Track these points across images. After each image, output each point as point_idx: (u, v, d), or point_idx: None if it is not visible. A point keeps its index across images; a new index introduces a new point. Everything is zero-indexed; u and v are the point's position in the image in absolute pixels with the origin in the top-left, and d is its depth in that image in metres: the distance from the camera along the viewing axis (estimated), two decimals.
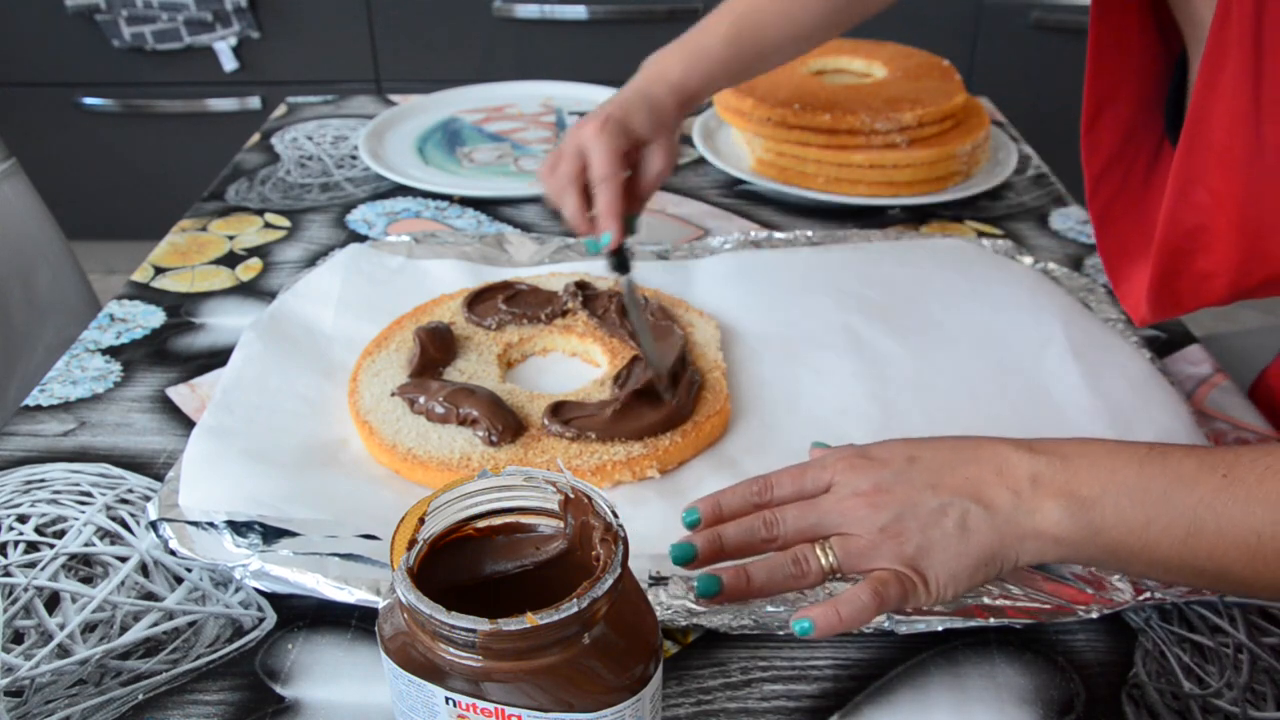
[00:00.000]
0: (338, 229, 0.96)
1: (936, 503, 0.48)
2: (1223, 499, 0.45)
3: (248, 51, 2.05)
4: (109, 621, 0.55)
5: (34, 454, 0.67)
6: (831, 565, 0.49)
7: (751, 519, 0.51)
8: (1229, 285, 0.60)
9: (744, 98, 1.02)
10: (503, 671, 0.37)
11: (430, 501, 0.41)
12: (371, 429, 0.65)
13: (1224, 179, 0.56)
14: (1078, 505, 0.47)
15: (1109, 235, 0.67)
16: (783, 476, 0.52)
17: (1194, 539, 0.46)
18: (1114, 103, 0.63)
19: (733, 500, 0.52)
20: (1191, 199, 0.58)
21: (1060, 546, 0.48)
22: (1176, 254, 0.60)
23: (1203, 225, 0.58)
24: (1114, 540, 0.47)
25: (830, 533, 0.50)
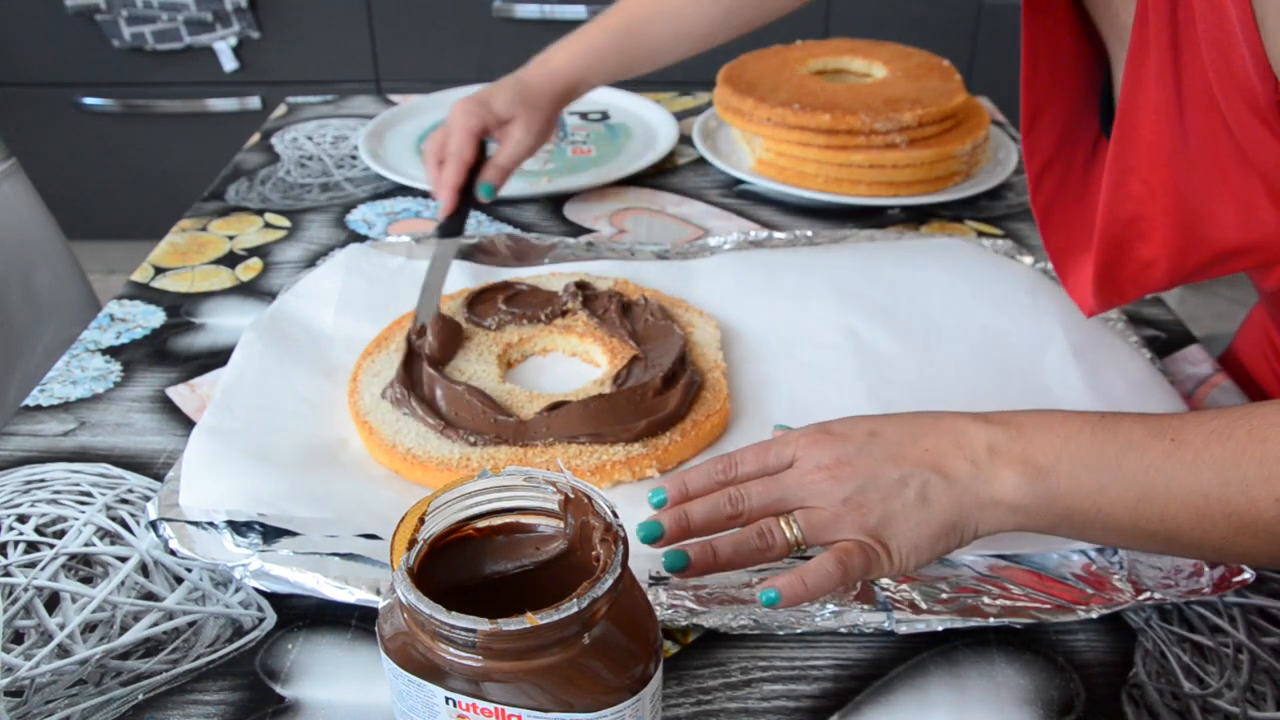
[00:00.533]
0: (338, 229, 0.96)
1: (897, 474, 0.50)
2: (1171, 463, 0.47)
3: (248, 51, 2.05)
4: (109, 621, 0.55)
5: (34, 454, 0.67)
6: (796, 538, 0.50)
7: (716, 496, 0.52)
8: (1169, 271, 0.62)
9: (744, 98, 1.02)
10: (503, 671, 0.37)
11: (430, 501, 0.41)
12: (371, 429, 0.65)
13: (1154, 169, 0.58)
14: (1034, 473, 0.49)
15: (1053, 231, 0.69)
16: (746, 454, 0.53)
17: (1145, 503, 0.48)
18: (1050, 104, 0.66)
19: (698, 479, 0.54)
20: (1126, 190, 0.60)
21: (1017, 514, 0.50)
22: (1117, 244, 0.62)
23: (1139, 214, 0.60)
24: (1069, 506, 0.49)
25: (794, 506, 0.51)
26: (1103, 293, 0.66)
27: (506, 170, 0.87)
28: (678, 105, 1.26)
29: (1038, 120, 0.66)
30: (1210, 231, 0.58)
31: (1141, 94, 0.56)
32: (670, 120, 1.16)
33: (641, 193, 1.03)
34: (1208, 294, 2.32)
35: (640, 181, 1.05)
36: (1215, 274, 0.62)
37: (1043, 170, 0.67)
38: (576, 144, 1.14)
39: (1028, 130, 0.66)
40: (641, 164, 1.06)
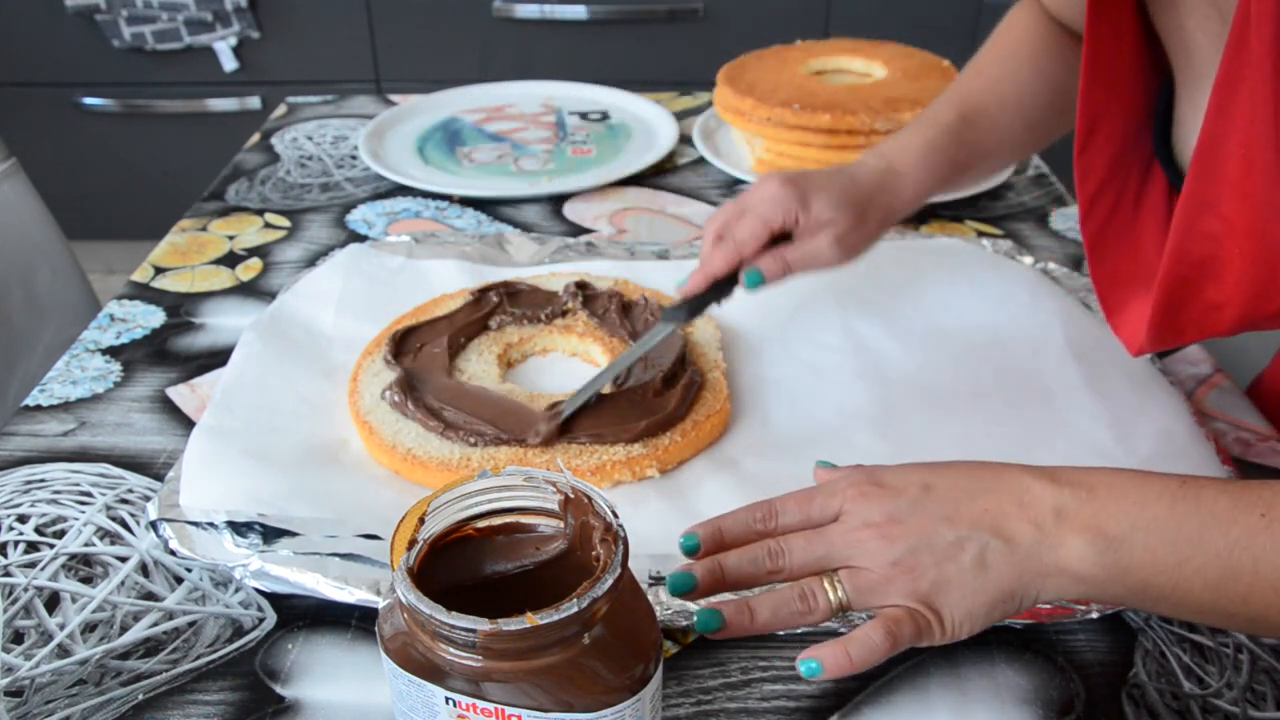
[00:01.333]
0: (338, 229, 0.96)
1: (953, 536, 0.46)
2: (1260, 540, 0.43)
3: (248, 51, 2.05)
4: (109, 621, 0.55)
5: (34, 454, 0.67)
6: (841, 601, 0.47)
7: (756, 548, 0.49)
8: (1239, 317, 0.58)
9: (744, 98, 1.02)
10: (503, 671, 0.37)
11: (430, 501, 0.41)
12: (371, 429, 0.65)
13: (1238, 208, 0.54)
14: (1105, 542, 0.45)
15: (1102, 261, 0.65)
16: (788, 502, 0.50)
17: (1229, 582, 0.44)
18: (1106, 122, 0.62)
19: (734, 526, 0.50)
20: (1202, 227, 0.56)
21: (1083, 585, 0.46)
22: (1183, 284, 0.58)
23: (1213, 254, 0.56)
24: (1142, 580, 0.45)
25: (839, 565, 0.48)
26: (1160, 333, 0.61)
27: (790, 270, 0.69)
28: (678, 105, 1.26)
29: (1092, 138, 0.62)
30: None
31: (1230, 124, 0.52)
32: (670, 120, 1.16)
33: (641, 193, 1.03)
34: None
35: (640, 181, 1.05)
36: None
37: (1096, 194, 0.63)
38: (576, 144, 1.14)
39: (1082, 149, 0.62)
40: (641, 164, 1.06)
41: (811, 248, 0.68)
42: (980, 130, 0.74)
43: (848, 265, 0.71)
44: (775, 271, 0.68)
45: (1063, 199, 1.02)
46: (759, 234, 0.68)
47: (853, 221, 0.69)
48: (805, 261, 0.69)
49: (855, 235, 0.69)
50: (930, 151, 0.72)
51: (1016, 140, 0.76)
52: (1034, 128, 0.76)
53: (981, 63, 0.77)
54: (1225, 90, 0.52)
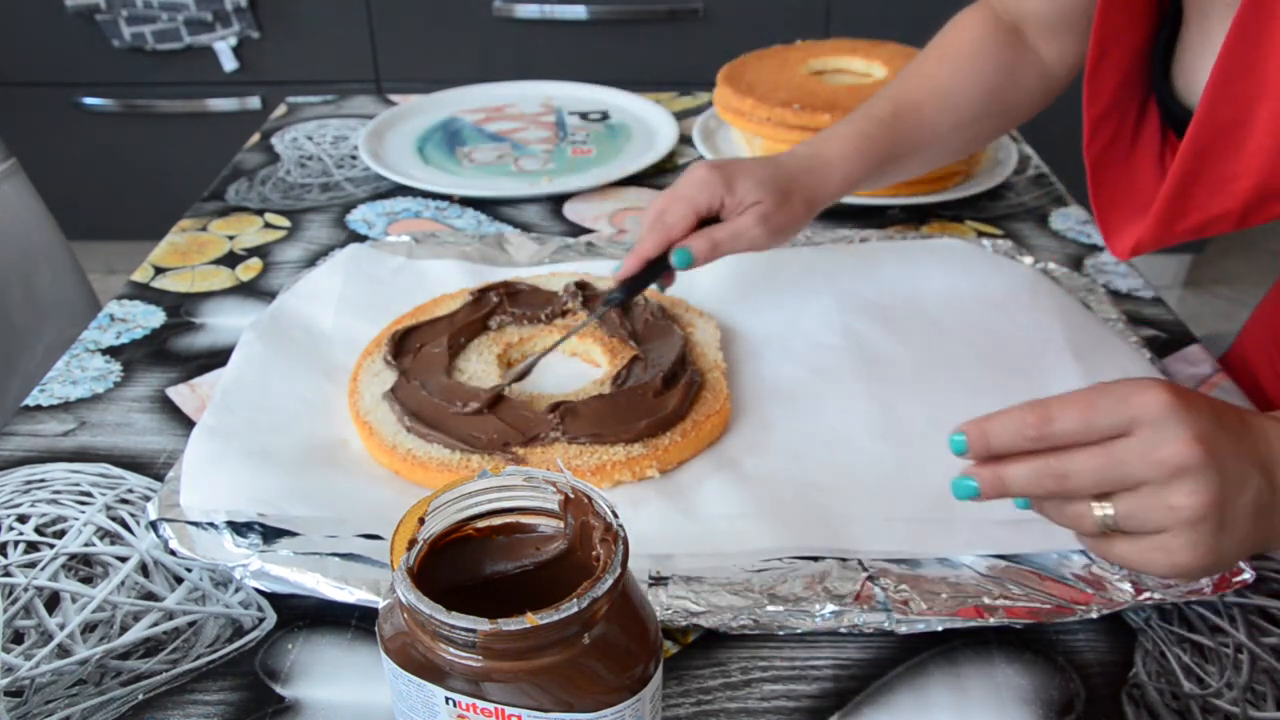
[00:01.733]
0: (338, 229, 0.96)
1: (1238, 471, 0.44)
2: None
3: (248, 51, 2.05)
4: (109, 621, 0.55)
5: (34, 454, 0.67)
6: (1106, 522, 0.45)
7: (1039, 469, 0.46)
8: (1252, 188, 0.57)
9: (744, 98, 1.02)
10: (503, 671, 0.37)
11: (430, 501, 0.41)
12: (371, 429, 0.65)
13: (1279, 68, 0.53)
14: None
15: (1102, 185, 0.67)
16: (1068, 407, 0.46)
17: None
18: (1116, 48, 0.64)
19: (1003, 435, 0.46)
20: (1235, 90, 0.55)
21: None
22: (1204, 154, 0.58)
23: (1239, 120, 0.56)
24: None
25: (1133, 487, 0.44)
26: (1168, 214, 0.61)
27: (718, 250, 0.71)
28: (678, 105, 1.26)
29: (1103, 62, 0.64)
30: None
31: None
32: (670, 120, 1.16)
33: (641, 193, 1.03)
34: (1208, 294, 2.32)
35: (640, 181, 1.05)
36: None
37: (1101, 118, 0.65)
38: (576, 144, 1.14)
39: (1093, 72, 0.64)
40: (641, 164, 1.06)
41: (737, 227, 0.71)
42: (911, 125, 0.77)
43: (775, 247, 0.74)
44: (703, 250, 0.71)
45: (1062, 199, 1.02)
46: (686, 216, 0.71)
47: (776, 202, 0.71)
48: (732, 240, 0.71)
49: (780, 216, 0.72)
50: (861, 141, 0.75)
51: (945, 138, 0.79)
52: (964, 128, 0.79)
53: (921, 62, 0.80)
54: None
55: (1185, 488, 0.43)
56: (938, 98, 0.78)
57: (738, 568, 0.57)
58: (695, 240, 0.71)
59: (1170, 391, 0.44)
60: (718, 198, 0.71)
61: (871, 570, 0.56)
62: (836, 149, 0.75)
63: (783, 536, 0.58)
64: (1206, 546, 0.44)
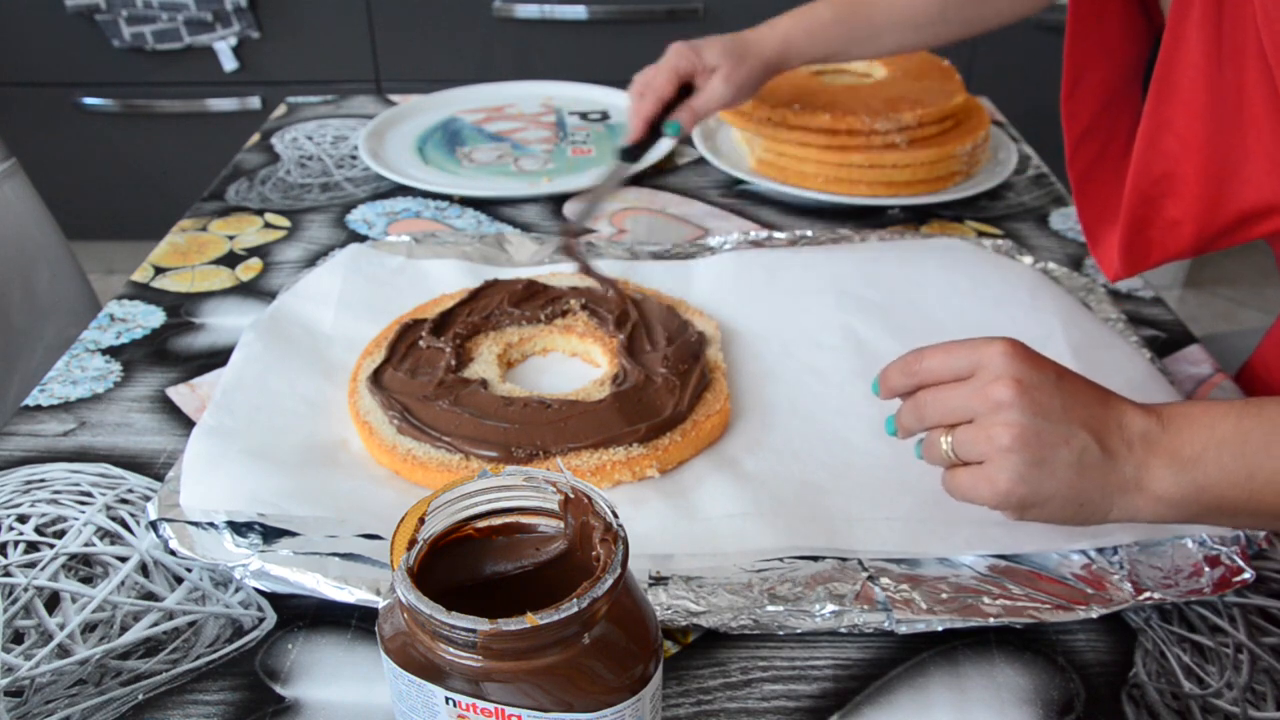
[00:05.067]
0: (338, 229, 0.96)
1: (1065, 427, 0.50)
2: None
3: (248, 51, 2.05)
4: (109, 621, 0.55)
5: (34, 454, 0.67)
6: (947, 454, 0.53)
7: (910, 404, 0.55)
8: (1195, 231, 0.62)
9: None
10: (503, 671, 0.37)
11: (430, 501, 0.41)
12: (371, 429, 0.65)
13: (1188, 124, 0.58)
14: (1181, 465, 0.49)
15: (1087, 198, 0.70)
16: (934, 351, 0.54)
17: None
18: (1092, 72, 0.66)
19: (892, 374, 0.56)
20: (1160, 147, 0.60)
21: (1162, 505, 0.50)
22: (1146, 201, 0.63)
23: (1170, 172, 0.61)
24: (1218, 496, 0.49)
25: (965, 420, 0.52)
26: (1129, 254, 0.66)
27: (697, 114, 0.89)
28: None
29: (1078, 85, 0.66)
30: (1239, 189, 0.58)
31: (1182, 47, 0.56)
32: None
33: (641, 193, 1.03)
34: (1208, 294, 2.32)
35: (640, 181, 1.05)
36: (1240, 239, 0.61)
37: (1081, 137, 0.68)
38: (576, 144, 1.14)
39: (1068, 95, 0.66)
40: (641, 164, 1.06)
41: (707, 91, 0.88)
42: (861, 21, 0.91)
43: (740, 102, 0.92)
44: (686, 119, 0.89)
45: (1063, 199, 1.02)
46: (670, 79, 0.88)
47: (735, 63, 0.88)
48: (706, 103, 0.88)
49: (739, 74, 0.88)
50: (814, 19, 0.91)
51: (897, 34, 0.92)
52: (918, 30, 0.92)
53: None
54: (1178, 14, 0.56)
55: (1000, 419, 0.50)
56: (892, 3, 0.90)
57: (738, 568, 0.57)
58: (678, 113, 0.88)
59: (1013, 345, 0.52)
60: (690, 63, 0.87)
61: (871, 570, 0.56)
62: (788, 24, 0.91)
63: (783, 536, 0.58)
64: (1019, 475, 0.50)
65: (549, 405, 0.66)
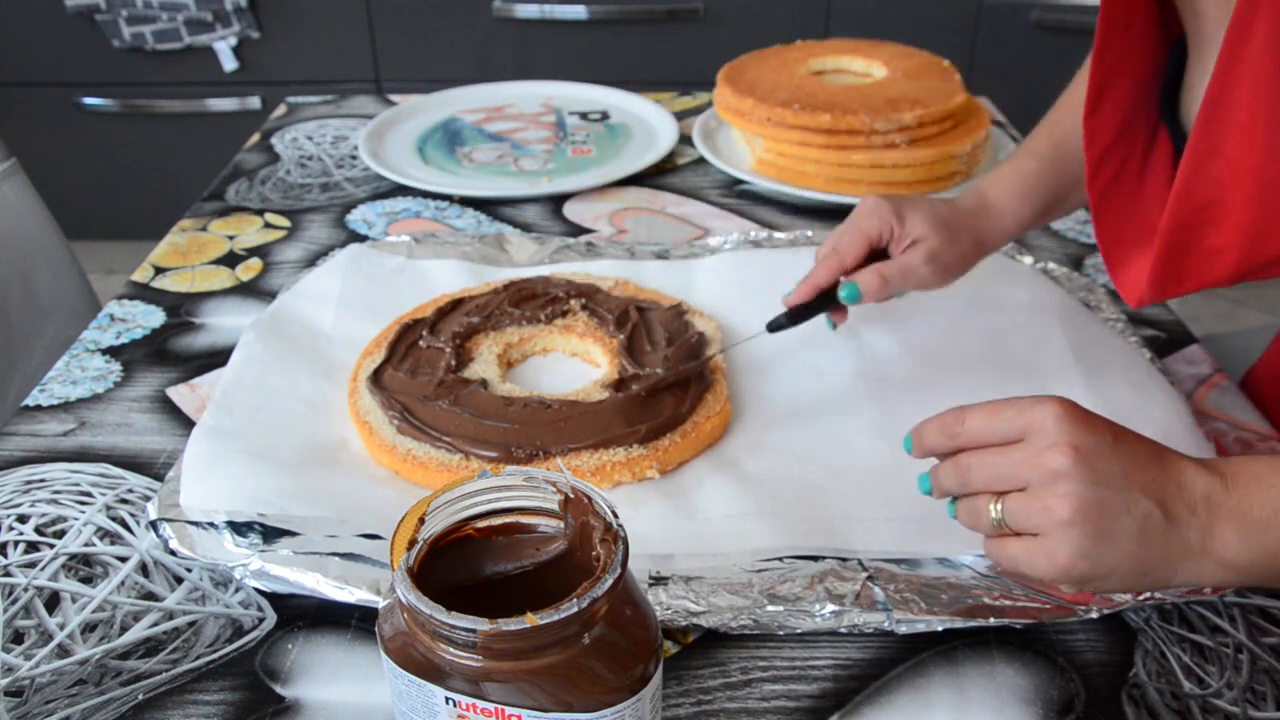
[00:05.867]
0: (338, 229, 0.96)
1: (1125, 494, 0.47)
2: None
3: (248, 51, 2.05)
4: (109, 621, 0.55)
5: (34, 454, 0.67)
6: (996, 523, 0.49)
7: (951, 465, 0.51)
8: (1238, 261, 0.59)
9: (744, 98, 1.02)
10: (503, 671, 0.37)
11: (430, 501, 0.41)
12: (371, 429, 0.65)
13: (1242, 153, 0.55)
14: (1250, 529, 0.47)
15: (1107, 221, 0.67)
16: (978, 411, 0.51)
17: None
18: (1116, 87, 0.64)
19: (930, 433, 0.53)
20: (1207, 172, 0.57)
21: (1229, 571, 0.47)
22: (1186, 228, 0.60)
23: (1216, 199, 0.58)
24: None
25: (1017, 488, 0.49)
26: (1160, 281, 0.62)
27: (890, 287, 0.71)
28: (678, 105, 1.26)
29: (1101, 102, 0.63)
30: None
31: (1240, 69, 0.54)
32: (670, 120, 1.16)
33: (641, 193, 1.03)
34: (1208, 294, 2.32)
35: (640, 181, 1.05)
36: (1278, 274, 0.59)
37: (1102, 156, 0.65)
38: (576, 144, 1.14)
39: (1090, 112, 0.63)
40: (641, 164, 1.06)
41: (905, 262, 0.70)
42: (1072, 160, 0.73)
43: (944, 286, 0.73)
44: (871, 285, 0.70)
45: None
46: (858, 243, 0.71)
47: (945, 241, 0.70)
48: (901, 277, 0.70)
49: (948, 254, 0.71)
50: (1023, 181, 0.74)
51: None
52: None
53: (1073, 89, 0.76)
54: (1236, 40, 0.53)
55: (1059, 490, 0.47)
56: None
57: (738, 568, 0.57)
58: (864, 275, 0.70)
59: (1065, 406, 0.48)
60: (888, 226, 0.71)
61: (871, 570, 0.56)
62: (999, 191, 0.74)
63: (783, 536, 0.58)
64: (1081, 550, 0.47)
65: (549, 405, 0.66)
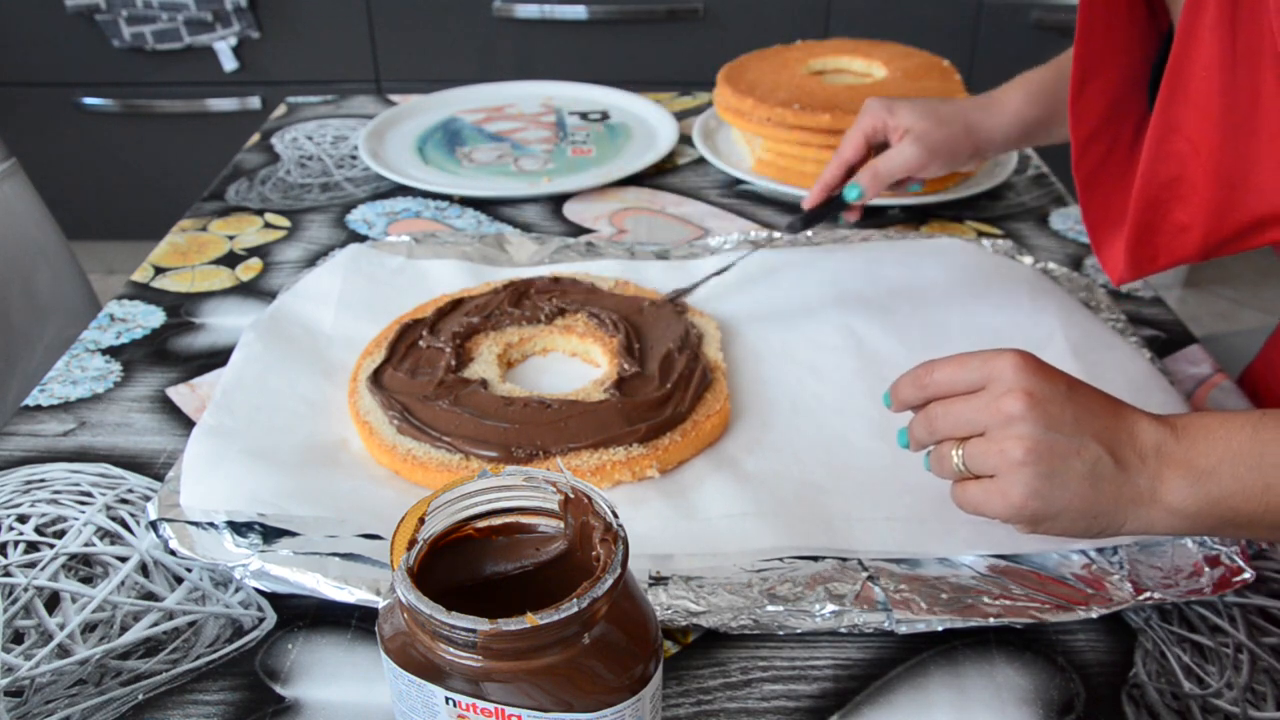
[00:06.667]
0: (338, 229, 0.96)
1: (1078, 438, 0.49)
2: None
3: (248, 51, 2.05)
4: (109, 621, 0.55)
5: (34, 454, 0.67)
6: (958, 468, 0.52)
7: (921, 416, 0.54)
8: (1203, 237, 0.61)
9: (744, 98, 1.02)
10: (503, 671, 0.37)
11: (430, 501, 0.41)
12: (371, 429, 0.65)
13: (1200, 128, 0.57)
14: (1196, 477, 0.49)
15: (1093, 200, 0.69)
16: (945, 364, 0.54)
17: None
18: (1101, 73, 0.65)
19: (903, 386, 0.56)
20: (1169, 149, 0.59)
21: (1176, 517, 0.50)
22: (1154, 205, 0.62)
23: (1179, 176, 0.60)
24: (1233, 508, 0.49)
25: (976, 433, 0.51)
26: (1135, 258, 0.65)
27: (880, 178, 0.77)
28: (678, 105, 1.26)
29: (1085, 86, 0.65)
30: (1250, 195, 0.57)
31: (1195, 48, 0.55)
32: (670, 120, 1.16)
33: (641, 193, 1.03)
34: (1208, 294, 2.32)
35: (640, 181, 1.05)
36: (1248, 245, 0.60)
37: (1088, 139, 0.66)
38: (576, 144, 1.14)
39: (1075, 95, 0.65)
40: (641, 164, 1.06)
41: (895, 151, 0.76)
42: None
43: (938, 172, 0.78)
44: (866, 179, 0.77)
45: (1063, 199, 1.02)
46: (856, 140, 0.78)
47: (932, 125, 0.76)
48: (891, 166, 0.76)
49: (935, 135, 0.76)
50: (1034, 82, 0.78)
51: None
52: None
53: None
54: (1190, 14, 0.55)
55: (1012, 432, 0.50)
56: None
57: (738, 568, 0.57)
58: (861, 174, 0.77)
59: (1023, 357, 0.51)
60: (880, 121, 0.77)
61: (871, 570, 0.56)
62: (1007, 90, 0.79)
63: (783, 536, 0.58)
64: (1032, 490, 0.49)
65: (549, 405, 0.66)
